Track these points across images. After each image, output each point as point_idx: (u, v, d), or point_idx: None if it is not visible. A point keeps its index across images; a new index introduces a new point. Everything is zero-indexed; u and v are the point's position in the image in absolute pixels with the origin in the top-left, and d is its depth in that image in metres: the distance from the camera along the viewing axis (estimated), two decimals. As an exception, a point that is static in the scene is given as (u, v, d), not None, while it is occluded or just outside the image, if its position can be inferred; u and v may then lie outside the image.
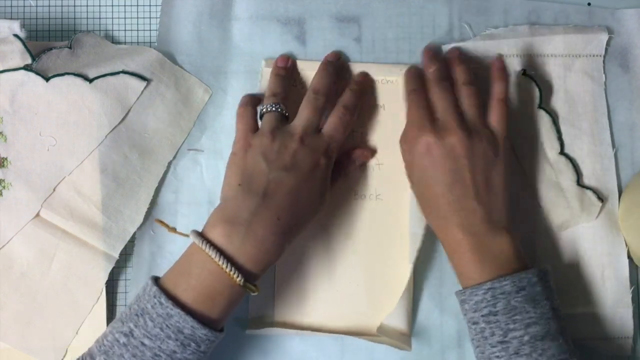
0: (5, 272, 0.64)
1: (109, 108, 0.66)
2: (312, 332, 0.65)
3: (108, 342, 0.55)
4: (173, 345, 0.53)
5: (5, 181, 0.65)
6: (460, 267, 0.60)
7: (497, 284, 0.56)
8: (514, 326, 0.55)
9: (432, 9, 0.70)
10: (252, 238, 0.56)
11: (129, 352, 0.53)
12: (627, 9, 0.70)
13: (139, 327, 0.54)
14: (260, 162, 0.60)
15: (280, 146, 0.60)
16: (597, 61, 0.69)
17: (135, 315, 0.55)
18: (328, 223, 0.67)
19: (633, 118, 0.69)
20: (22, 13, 0.69)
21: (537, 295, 0.56)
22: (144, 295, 0.55)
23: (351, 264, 0.67)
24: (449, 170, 0.60)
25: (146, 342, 0.53)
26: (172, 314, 0.53)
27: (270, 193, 0.58)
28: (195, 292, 0.55)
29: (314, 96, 0.64)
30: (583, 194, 0.67)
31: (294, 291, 0.67)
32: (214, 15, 0.69)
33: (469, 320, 0.58)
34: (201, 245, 0.55)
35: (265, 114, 0.64)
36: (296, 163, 0.60)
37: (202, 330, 0.54)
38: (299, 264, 0.67)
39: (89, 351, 0.55)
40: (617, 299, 0.66)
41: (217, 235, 0.56)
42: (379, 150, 0.68)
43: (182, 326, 0.53)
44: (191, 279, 0.55)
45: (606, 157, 0.68)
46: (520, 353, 0.55)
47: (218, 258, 0.54)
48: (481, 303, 0.57)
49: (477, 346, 0.58)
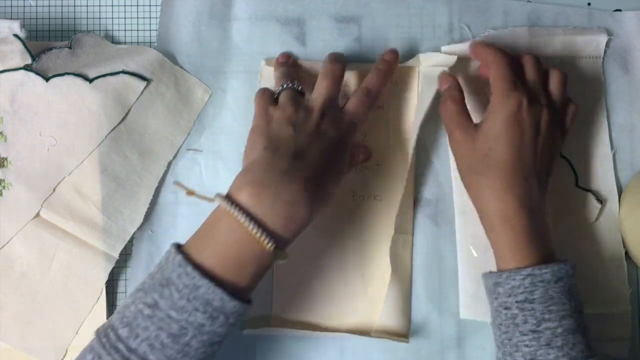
0: (5, 272, 0.64)
1: (109, 108, 0.66)
2: (310, 332, 0.65)
3: (130, 313, 0.51)
4: (201, 317, 0.51)
5: (5, 181, 0.65)
6: (503, 244, 0.58)
7: (537, 270, 0.55)
8: (549, 316, 0.55)
9: (431, 9, 0.70)
10: (283, 200, 0.53)
11: (155, 325, 0.51)
12: (627, 11, 0.70)
13: (164, 298, 0.51)
14: (286, 128, 0.57)
15: (305, 115, 0.59)
16: (596, 63, 0.69)
17: (159, 286, 0.51)
18: (326, 223, 0.67)
19: (633, 120, 0.69)
20: (22, 13, 0.69)
21: (572, 288, 0.56)
22: (167, 264, 0.52)
23: (349, 264, 0.67)
24: (530, 137, 0.59)
25: (172, 314, 0.50)
26: (199, 285, 0.51)
27: (300, 156, 0.56)
28: (223, 261, 0.52)
29: (331, 66, 0.63)
30: (582, 195, 0.67)
31: (292, 291, 0.67)
32: (213, 15, 0.69)
33: (500, 305, 0.57)
34: (229, 208, 0.52)
35: (281, 92, 0.62)
36: (322, 132, 0.58)
37: (231, 302, 0.51)
38: (297, 264, 0.66)
39: (109, 322, 0.52)
40: (616, 300, 0.66)
41: (245, 198, 0.53)
42: (378, 151, 0.68)
43: (211, 298, 0.51)
44: (218, 246, 0.52)
45: (605, 158, 0.68)
46: (551, 345, 0.54)
47: (247, 223, 0.51)
48: (518, 288, 0.56)
49: (505, 332, 0.57)
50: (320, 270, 0.67)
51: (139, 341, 0.50)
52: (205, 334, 0.51)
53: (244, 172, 0.56)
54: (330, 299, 0.67)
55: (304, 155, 0.56)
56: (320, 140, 0.58)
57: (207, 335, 0.52)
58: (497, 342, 0.59)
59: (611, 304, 0.67)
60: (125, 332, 0.51)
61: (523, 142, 0.59)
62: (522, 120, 0.59)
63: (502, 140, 0.59)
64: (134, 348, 0.50)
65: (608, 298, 0.67)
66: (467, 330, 0.67)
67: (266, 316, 0.66)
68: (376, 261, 0.67)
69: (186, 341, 0.51)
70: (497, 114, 0.60)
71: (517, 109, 0.59)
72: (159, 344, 0.50)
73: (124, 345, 0.51)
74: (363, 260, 0.67)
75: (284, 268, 0.66)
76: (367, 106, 0.63)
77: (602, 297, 0.67)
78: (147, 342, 0.50)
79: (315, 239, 0.67)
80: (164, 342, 0.51)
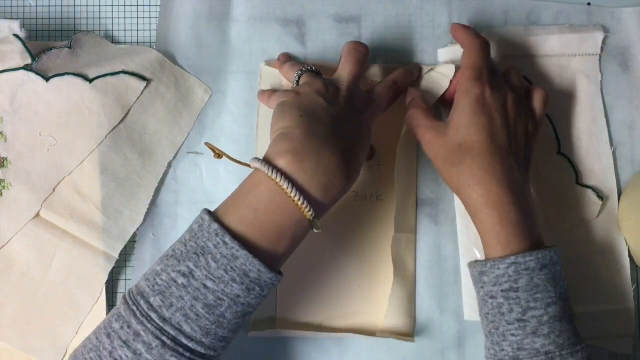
0: (5, 272, 0.64)
1: (109, 108, 0.66)
2: (314, 333, 0.65)
3: (163, 281, 0.50)
4: (238, 289, 0.50)
5: (5, 181, 0.65)
6: (487, 229, 0.57)
7: (521, 259, 0.54)
8: (534, 305, 0.54)
9: (431, 9, 0.70)
10: (324, 168, 0.52)
11: (190, 295, 0.49)
12: (627, 8, 0.70)
13: (199, 267, 0.50)
14: (318, 99, 0.56)
15: (334, 91, 0.58)
16: (593, 60, 0.69)
17: (194, 254, 0.50)
18: (329, 224, 0.67)
19: (632, 117, 0.69)
20: (22, 13, 0.69)
21: (557, 275, 0.56)
22: (202, 231, 0.51)
23: (352, 264, 0.67)
24: (500, 122, 0.59)
25: (209, 284, 0.50)
26: (238, 256, 0.49)
27: (336, 125, 0.55)
28: (262, 229, 0.51)
29: (355, 47, 0.62)
30: (583, 193, 0.67)
31: (296, 293, 0.67)
32: (212, 17, 0.69)
33: (486, 294, 0.57)
34: (270, 173, 0.51)
35: (302, 75, 0.62)
36: (351, 108, 0.58)
37: (268, 275, 0.50)
38: (300, 265, 0.66)
39: (139, 289, 0.51)
40: (619, 298, 0.66)
41: (286, 164, 0.51)
42: (380, 151, 0.68)
43: (249, 269, 0.50)
44: (258, 214, 0.51)
45: (605, 155, 0.68)
46: (537, 333, 0.54)
47: (290, 189, 0.50)
48: (502, 277, 0.55)
49: (492, 321, 0.56)
50: (323, 271, 0.67)
51: (173, 311, 0.49)
52: (240, 305, 0.51)
53: (281, 137, 0.54)
54: (334, 300, 0.66)
55: (340, 125, 0.55)
56: (353, 114, 0.57)
57: (242, 307, 0.51)
58: (485, 332, 0.58)
59: (614, 301, 0.66)
60: (157, 301, 0.50)
61: (494, 127, 0.59)
62: (488, 106, 0.60)
63: (473, 128, 0.59)
64: (168, 318, 0.49)
65: (611, 295, 0.67)
66: (469, 330, 0.66)
67: (271, 318, 0.66)
68: (379, 261, 0.67)
69: (221, 312, 0.50)
70: (463, 104, 0.60)
71: (481, 96, 0.60)
72: (194, 315, 0.50)
73: (156, 315, 0.49)
74: (366, 260, 0.67)
75: (288, 270, 0.66)
76: (392, 96, 0.63)
77: (605, 294, 0.67)
78: (181, 312, 0.49)
79: (318, 240, 0.66)
80: (200, 313, 0.50)
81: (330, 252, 0.67)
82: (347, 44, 0.63)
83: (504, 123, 0.60)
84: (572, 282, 0.66)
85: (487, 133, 0.59)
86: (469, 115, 0.59)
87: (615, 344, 0.66)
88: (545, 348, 0.54)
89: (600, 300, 0.66)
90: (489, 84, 0.61)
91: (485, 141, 0.58)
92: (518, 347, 0.54)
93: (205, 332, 0.50)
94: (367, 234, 0.67)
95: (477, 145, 0.58)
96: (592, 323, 0.66)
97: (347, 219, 0.67)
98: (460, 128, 0.60)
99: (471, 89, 0.60)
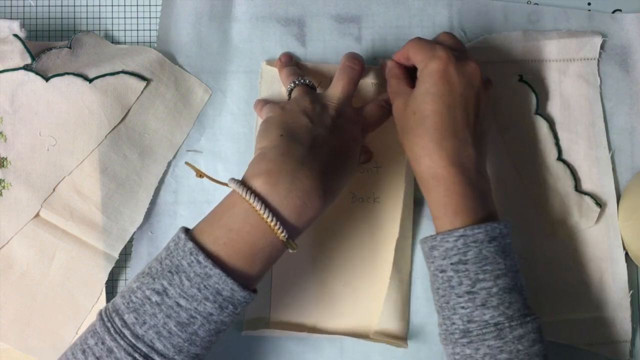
0: (5, 272, 0.64)
1: (109, 108, 0.66)
2: (308, 333, 0.66)
3: (137, 299, 0.51)
4: (210, 307, 0.51)
5: (5, 181, 0.65)
6: (435, 203, 0.57)
7: (469, 231, 0.54)
8: (483, 276, 0.54)
9: (432, 10, 0.70)
10: (298, 190, 0.52)
11: (163, 313, 0.50)
12: (628, 14, 0.70)
13: (173, 285, 0.50)
14: (302, 118, 0.57)
15: (321, 109, 0.58)
16: (592, 64, 0.69)
17: (168, 272, 0.51)
18: (326, 225, 0.67)
19: (632, 122, 0.69)
20: (22, 13, 0.69)
21: (506, 247, 0.56)
22: (177, 250, 0.52)
23: (348, 266, 0.67)
24: (459, 94, 0.58)
25: (182, 302, 0.50)
26: (211, 275, 0.50)
27: (316, 146, 0.55)
28: (235, 249, 0.51)
29: (350, 64, 0.62)
30: (581, 199, 0.67)
31: (290, 292, 0.67)
32: (213, 16, 0.69)
33: (436, 269, 0.56)
34: (244, 195, 0.51)
35: (294, 88, 0.62)
36: (337, 127, 0.58)
37: (241, 293, 0.51)
38: (296, 265, 0.67)
39: (114, 306, 0.52)
40: (616, 303, 0.67)
41: (260, 185, 0.52)
42: (378, 153, 0.68)
43: (222, 288, 0.50)
44: (231, 234, 0.51)
45: (603, 160, 0.68)
46: (487, 305, 0.54)
47: (263, 210, 0.51)
48: (451, 250, 0.55)
49: (442, 295, 0.56)
50: (318, 272, 0.67)
51: (146, 328, 0.50)
52: (213, 323, 0.51)
53: (259, 157, 0.55)
54: (328, 301, 0.67)
55: (321, 147, 0.55)
56: (337, 135, 0.57)
57: (215, 325, 0.52)
58: (436, 308, 0.58)
59: (611, 307, 0.67)
60: (131, 318, 0.51)
61: (452, 98, 0.58)
62: (449, 76, 0.58)
63: (429, 98, 0.58)
64: (141, 335, 0.50)
65: (608, 301, 0.67)
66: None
67: (264, 318, 0.66)
68: (375, 263, 0.67)
69: (194, 330, 0.51)
70: (425, 75, 0.59)
71: (443, 67, 0.58)
72: (167, 332, 0.50)
73: (130, 332, 0.50)
74: (362, 262, 0.67)
75: (283, 269, 0.67)
76: (382, 114, 0.63)
77: (602, 300, 0.67)
78: (154, 330, 0.50)
79: (314, 241, 0.67)
80: (172, 330, 0.50)
81: (326, 253, 0.67)
82: (344, 58, 0.63)
83: (463, 95, 0.58)
84: (569, 288, 0.67)
85: (442, 105, 0.57)
86: (428, 86, 0.58)
87: (612, 350, 0.66)
88: (495, 319, 0.54)
89: (597, 306, 0.67)
90: (450, 52, 0.59)
91: (439, 114, 0.57)
92: (468, 319, 0.55)
93: (178, 349, 0.51)
94: (363, 236, 0.67)
95: (430, 115, 0.57)
96: (589, 329, 0.66)
97: (344, 220, 0.67)
98: (418, 97, 0.59)
99: (432, 61, 0.58)
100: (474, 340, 0.54)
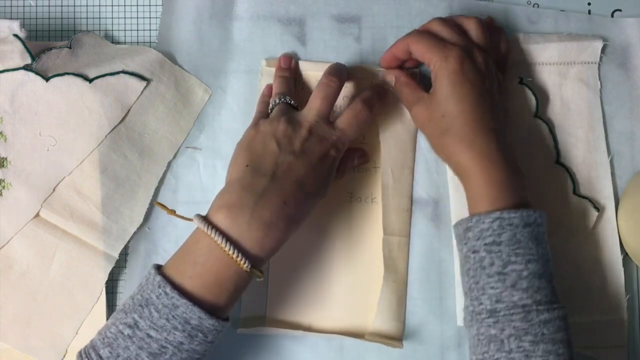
0: (5, 272, 0.65)
1: (109, 108, 0.66)
2: (304, 332, 0.66)
3: (111, 333, 0.53)
4: (180, 336, 0.53)
5: (5, 181, 0.65)
6: (476, 189, 0.59)
7: (506, 214, 0.56)
8: (515, 259, 0.55)
9: (432, 11, 0.69)
10: (258, 221, 0.55)
11: (135, 344, 0.52)
12: (628, 18, 0.70)
13: (144, 318, 0.53)
14: (270, 143, 0.59)
15: (292, 131, 0.60)
16: (592, 68, 0.69)
17: (139, 306, 0.53)
18: (323, 224, 0.67)
19: (632, 126, 0.69)
20: (22, 13, 0.69)
21: (539, 236, 0.57)
22: (147, 284, 0.54)
23: (345, 265, 0.67)
24: (479, 90, 0.60)
25: (152, 333, 0.52)
26: (178, 305, 0.52)
27: (279, 176, 0.57)
28: (202, 280, 0.54)
29: (327, 82, 0.63)
30: (579, 203, 0.67)
31: (287, 291, 0.67)
32: (214, 14, 0.69)
33: (469, 250, 0.57)
34: (206, 230, 0.54)
35: (275, 107, 0.63)
36: (306, 150, 0.59)
37: (209, 321, 0.53)
38: (293, 263, 0.67)
39: (92, 343, 0.54)
40: (612, 308, 0.66)
41: (222, 218, 0.55)
42: (377, 154, 0.68)
43: (189, 317, 0.52)
44: (197, 267, 0.54)
45: (602, 164, 0.68)
46: (516, 287, 0.55)
47: (224, 243, 0.53)
48: (487, 231, 0.56)
49: (473, 276, 0.57)
50: (315, 272, 0.67)
51: None
52: (185, 352, 0.53)
53: (223, 190, 0.57)
54: (324, 301, 0.67)
55: (284, 175, 0.57)
56: (303, 160, 0.58)
57: (186, 353, 0.53)
58: (464, 290, 0.59)
59: (608, 311, 0.66)
60: (106, 353, 0.53)
61: (475, 94, 0.60)
62: (466, 74, 0.60)
63: (454, 99, 0.60)
64: None
65: (604, 305, 0.66)
66: (462, 335, 0.67)
67: (260, 316, 0.67)
68: (371, 263, 0.67)
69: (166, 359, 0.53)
70: (441, 78, 0.60)
71: (459, 67, 0.60)
72: None
73: None
74: (358, 262, 0.67)
75: (279, 269, 0.67)
76: (361, 122, 0.63)
77: (599, 304, 0.66)
78: None
79: (311, 240, 0.67)
80: None
81: (323, 252, 0.67)
82: (324, 74, 0.63)
83: (481, 90, 0.60)
84: (566, 292, 0.66)
85: (468, 105, 0.59)
86: (448, 89, 0.60)
87: (608, 355, 0.66)
88: (523, 301, 0.55)
89: (594, 310, 0.66)
90: (460, 50, 0.61)
91: (467, 110, 0.59)
92: (497, 299, 0.55)
93: None
94: (360, 235, 0.67)
95: (459, 116, 0.59)
96: (585, 333, 0.66)
97: (341, 220, 0.68)
98: (441, 101, 0.60)
99: (445, 63, 0.60)
100: (500, 320, 0.55)
